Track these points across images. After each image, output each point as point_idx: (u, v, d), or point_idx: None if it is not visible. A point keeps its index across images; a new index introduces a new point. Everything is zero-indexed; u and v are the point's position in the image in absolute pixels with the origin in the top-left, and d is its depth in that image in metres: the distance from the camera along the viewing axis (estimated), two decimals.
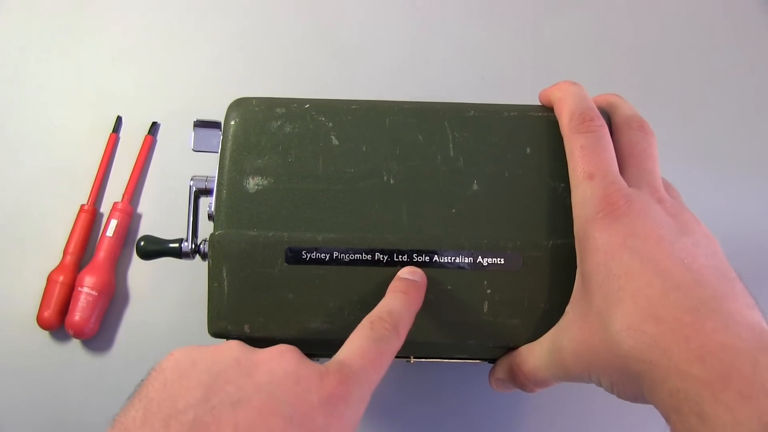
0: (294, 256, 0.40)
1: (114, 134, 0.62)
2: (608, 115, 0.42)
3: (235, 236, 0.41)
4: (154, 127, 0.63)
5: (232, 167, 0.42)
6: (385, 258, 0.41)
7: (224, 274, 0.40)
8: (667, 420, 0.32)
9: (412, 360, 0.43)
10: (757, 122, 0.65)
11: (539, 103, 0.44)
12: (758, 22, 0.68)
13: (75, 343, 0.59)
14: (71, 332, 0.57)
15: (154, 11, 0.67)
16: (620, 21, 0.68)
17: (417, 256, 0.41)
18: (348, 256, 0.41)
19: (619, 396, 0.36)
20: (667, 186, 0.41)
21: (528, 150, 0.42)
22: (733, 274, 0.35)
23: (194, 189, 0.45)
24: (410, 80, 0.66)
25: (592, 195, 0.37)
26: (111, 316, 0.59)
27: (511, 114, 0.43)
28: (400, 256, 0.41)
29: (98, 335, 0.58)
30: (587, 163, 0.39)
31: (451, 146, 0.42)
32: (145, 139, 0.62)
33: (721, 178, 0.63)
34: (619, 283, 0.35)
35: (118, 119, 0.63)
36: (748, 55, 0.67)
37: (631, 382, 0.34)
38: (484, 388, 0.57)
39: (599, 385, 0.37)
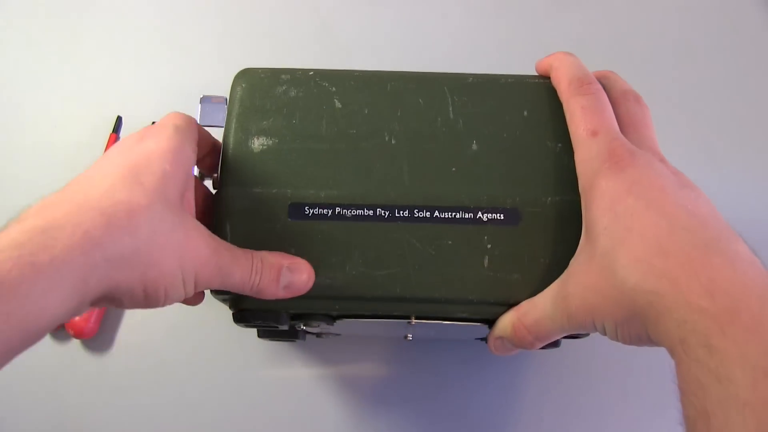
0: (297, 212, 0.41)
1: (114, 134, 0.63)
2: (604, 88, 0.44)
3: (239, 193, 0.41)
4: None
5: (238, 128, 0.43)
6: (387, 213, 0.41)
7: (227, 230, 0.41)
8: (672, 352, 0.33)
9: (413, 321, 0.43)
10: (757, 121, 0.66)
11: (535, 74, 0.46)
12: (758, 21, 0.69)
13: (75, 343, 0.59)
14: (71, 332, 0.57)
15: (154, 12, 0.68)
16: (620, 21, 0.70)
17: (417, 212, 0.41)
18: (350, 212, 0.41)
19: (623, 340, 0.36)
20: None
21: (525, 113, 0.43)
22: (731, 228, 0.36)
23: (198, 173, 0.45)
24: None
25: (598, 150, 0.38)
26: (111, 316, 0.59)
27: (509, 81, 0.45)
28: (401, 212, 0.41)
29: (98, 335, 0.58)
30: (590, 122, 0.40)
31: (450, 109, 0.43)
32: None
33: (721, 177, 0.64)
34: (626, 223, 0.35)
35: (118, 119, 0.64)
36: (748, 54, 0.68)
37: (636, 321, 0.35)
38: (483, 385, 0.57)
39: (603, 332, 0.37)
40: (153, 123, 0.61)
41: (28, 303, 0.28)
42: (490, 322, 0.44)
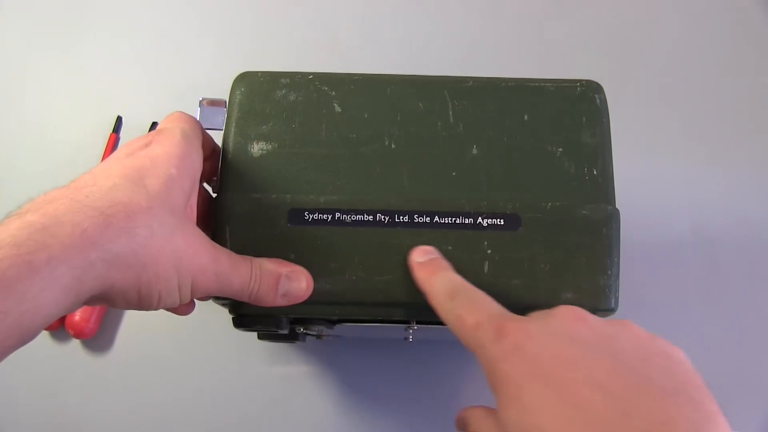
0: (296, 217, 0.41)
1: (114, 134, 0.63)
2: None
3: (239, 198, 0.41)
4: (153, 127, 0.63)
5: (238, 133, 0.43)
6: (387, 219, 0.41)
7: (227, 235, 0.41)
8: None
9: (414, 325, 0.43)
10: (757, 121, 0.66)
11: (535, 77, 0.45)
12: (758, 22, 0.69)
13: (75, 343, 0.59)
14: (71, 332, 0.57)
15: (154, 12, 0.68)
16: (620, 21, 0.70)
17: (418, 217, 0.41)
18: (350, 217, 0.41)
19: None
20: None
21: (525, 117, 0.43)
22: (673, 381, 0.31)
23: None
24: None
25: (487, 337, 0.34)
26: (111, 316, 0.59)
27: (509, 84, 0.44)
28: (401, 217, 0.41)
29: (98, 335, 0.58)
30: (468, 319, 0.36)
31: (450, 113, 0.43)
32: None
33: (721, 177, 0.64)
34: (534, 420, 0.30)
35: (118, 119, 0.64)
36: (749, 54, 0.68)
37: None
38: (483, 385, 0.57)
39: None
40: (154, 123, 0.63)
41: (25, 301, 0.28)
42: None
